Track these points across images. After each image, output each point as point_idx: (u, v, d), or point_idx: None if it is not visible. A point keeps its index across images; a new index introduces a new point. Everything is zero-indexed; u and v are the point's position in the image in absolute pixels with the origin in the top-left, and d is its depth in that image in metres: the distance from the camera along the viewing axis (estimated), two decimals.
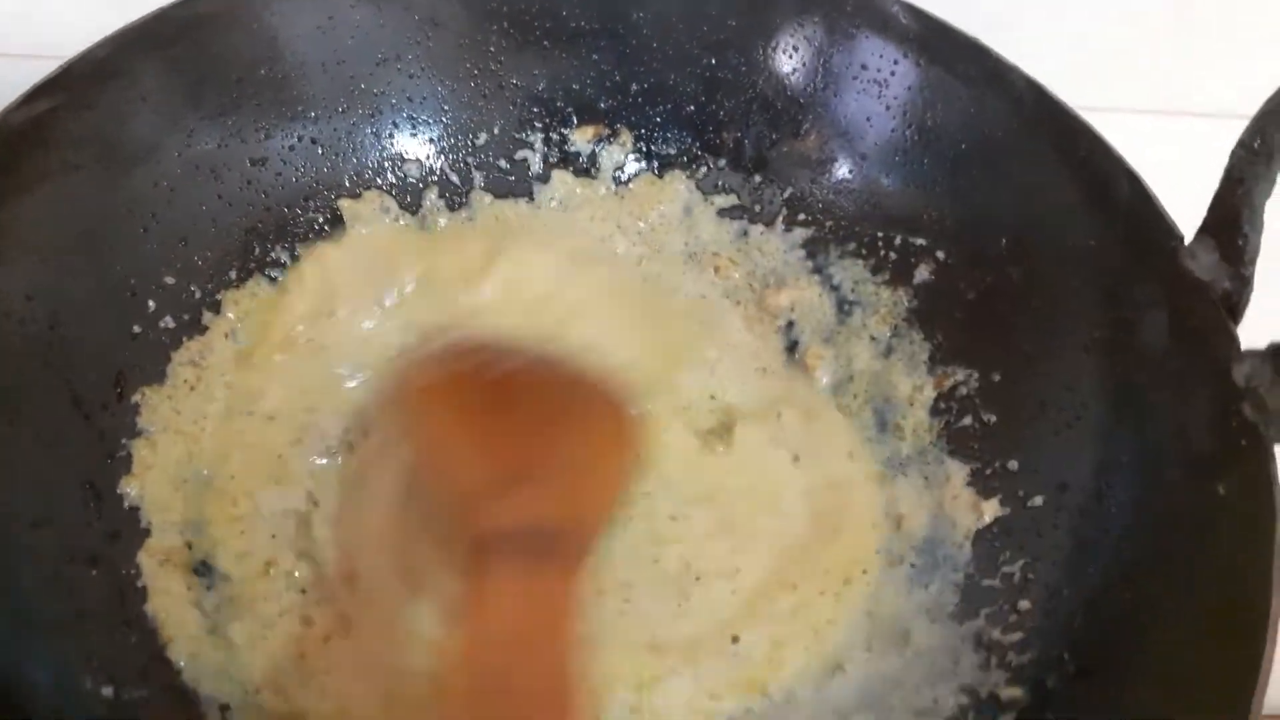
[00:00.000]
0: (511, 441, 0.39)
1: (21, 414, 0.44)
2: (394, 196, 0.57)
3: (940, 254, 0.53)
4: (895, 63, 0.53)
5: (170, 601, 0.45)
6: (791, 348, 0.55)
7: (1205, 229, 0.42)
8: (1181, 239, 0.43)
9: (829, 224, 0.56)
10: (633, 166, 0.58)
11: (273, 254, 0.54)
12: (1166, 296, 0.43)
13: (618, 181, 0.58)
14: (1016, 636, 0.43)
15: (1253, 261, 0.41)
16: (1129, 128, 0.49)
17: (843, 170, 0.56)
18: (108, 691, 0.40)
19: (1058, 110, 0.48)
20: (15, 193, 0.45)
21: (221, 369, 0.52)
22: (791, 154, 0.57)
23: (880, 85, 0.54)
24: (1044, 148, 0.49)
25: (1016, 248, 0.50)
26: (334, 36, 0.54)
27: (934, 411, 0.51)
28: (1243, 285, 0.41)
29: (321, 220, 0.56)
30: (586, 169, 0.58)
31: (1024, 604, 0.44)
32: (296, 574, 0.46)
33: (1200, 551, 0.39)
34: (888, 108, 0.54)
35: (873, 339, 0.54)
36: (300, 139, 0.55)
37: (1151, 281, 0.44)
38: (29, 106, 0.46)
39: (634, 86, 0.58)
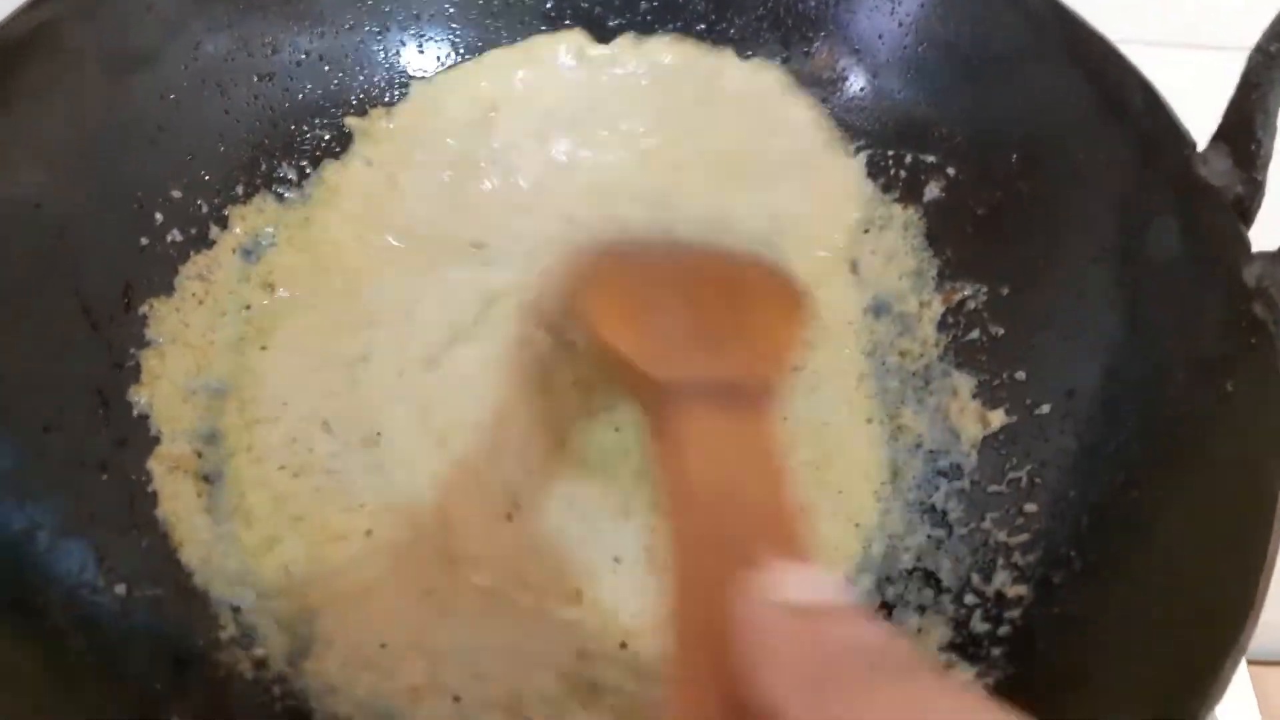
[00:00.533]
0: (694, 313, 0.43)
1: (31, 321, 0.44)
2: None
3: (950, 170, 0.53)
4: None
5: (180, 507, 0.45)
6: None
7: (1219, 135, 0.42)
8: (1194, 146, 0.42)
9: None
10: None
11: (279, 171, 0.54)
12: (1178, 203, 0.43)
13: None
14: (1023, 538, 0.43)
15: (1265, 166, 0.41)
16: (1143, 59, 0.48)
17: (853, 88, 0.56)
18: (120, 589, 0.41)
19: (1072, 22, 0.48)
20: (20, 99, 0.45)
21: (229, 285, 0.51)
22: (802, 72, 0.56)
23: (892, 1, 0.53)
24: (1057, 61, 0.49)
25: (1027, 162, 0.50)
26: None
27: (941, 326, 0.51)
28: (1255, 190, 0.41)
29: (329, 137, 0.55)
30: None
31: (1030, 507, 0.44)
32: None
33: (1207, 449, 0.39)
34: (900, 24, 0.54)
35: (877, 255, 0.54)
36: (308, 54, 0.55)
37: (1163, 189, 0.43)
38: (33, 13, 0.45)
39: (642, 4, 0.57)
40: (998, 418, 0.47)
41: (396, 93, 0.57)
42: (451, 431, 0.48)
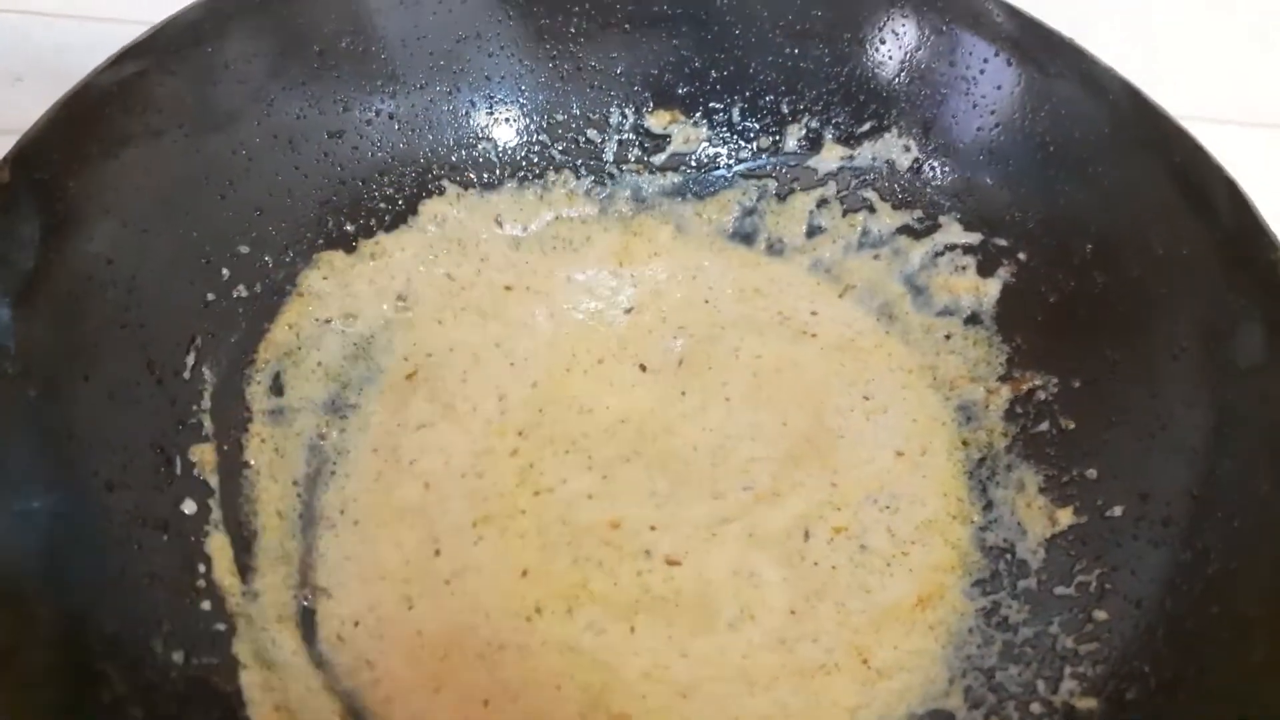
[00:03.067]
0: None
1: (99, 374, 0.44)
2: (468, 174, 0.56)
3: (1022, 255, 0.52)
4: (985, 60, 0.52)
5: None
6: None
7: None
8: None
9: (906, 221, 0.55)
10: (707, 153, 0.57)
11: (346, 228, 0.54)
12: (1265, 305, 0.42)
13: (692, 167, 0.58)
14: (1092, 646, 0.42)
15: None
16: (1214, 137, 0.48)
17: (924, 167, 0.55)
18: (178, 657, 0.40)
19: (1154, 115, 0.47)
20: (101, 157, 0.45)
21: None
22: (872, 148, 0.56)
23: (969, 82, 0.53)
24: (1137, 152, 0.48)
25: (1103, 252, 0.49)
26: (416, 11, 0.54)
27: (1008, 416, 0.50)
28: None
29: (397, 197, 0.55)
30: (658, 152, 0.58)
31: (1100, 614, 0.43)
32: None
33: None
34: (975, 105, 0.53)
35: (948, 338, 0.53)
36: (378, 113, 0.55)
37: (1249, 290, 0.43)
38: (116, 69, 0.46)
39: (713, 74, 0.57)
40: (1066, 516, 0.46)
41: (463, 153, 0.57)
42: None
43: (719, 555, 0.48)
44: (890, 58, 0.54)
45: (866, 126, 0.56)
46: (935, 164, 0.55)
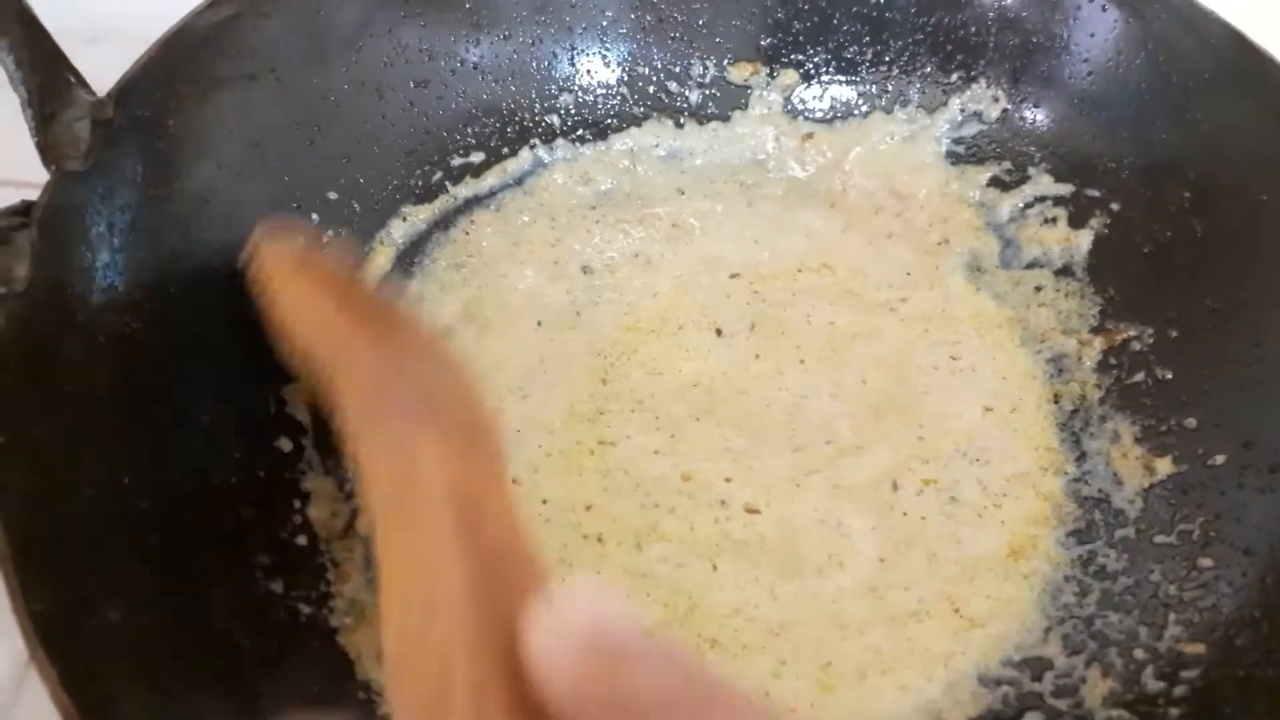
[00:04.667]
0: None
1: (198, 315, 0.44)
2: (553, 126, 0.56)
3: (1115, 206, 0.51)
4: (1079, 6, 0.51)
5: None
6: None
7: None
8: None
9: (994, 173, 0.54)
10: (792, 104, 0.57)
11: (433, 178, 0.54)
12: None
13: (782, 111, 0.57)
14: (1197, 593, 0.42)
15: None
16: None
17: (1014, 117, 0.54)
18: (277, 587, 0.41)
19: (1258, 57, 0.46)
20: (197, 98, 0.46)
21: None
22: (960, 100, 0.55)
23: (1062, 29, 0.52)
24: (1239, 96, 0.47)
25: (1201, 200, 0.48)
26: None
27: (1101, 368, 0.50)
28: None
29: (481, 148, 0.55)
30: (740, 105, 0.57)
31: (1205, 561, 0.42)
32: None
33: None
34: (1068, 53, 0.52)
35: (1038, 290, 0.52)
36: (463, 63, 0.55)
37: None
38: (212, 11, 0.46)
39: (796, 25, 0.57)
40: (1165, 465, 0.46)
41: (547, 104, 0.57)
42: None
43: (803, 504, 0.48)
44: (980, 5, 0.53)
45: (954, 78, 0.55)
46: (1025, 114, 0.54)
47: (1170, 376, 0.48)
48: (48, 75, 0.40)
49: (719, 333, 0.53)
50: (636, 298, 0.54)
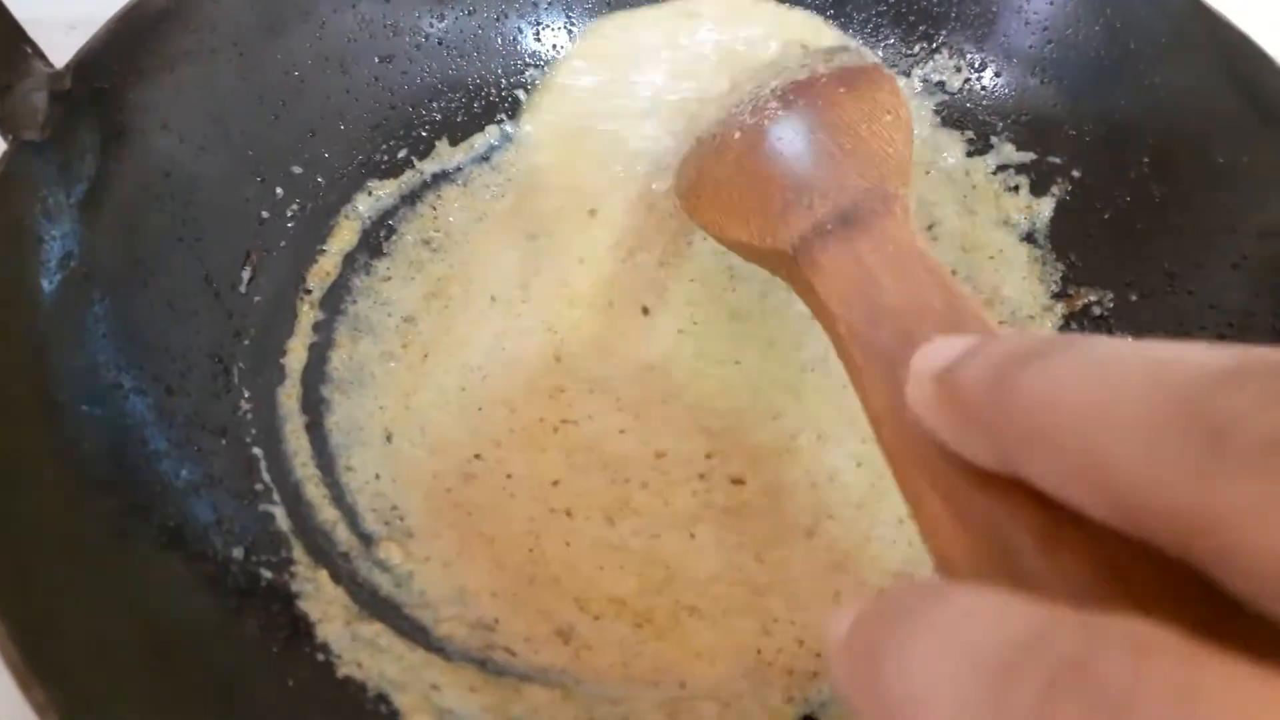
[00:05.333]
0: (783, 166, 0.42)
1: (158, 285, 0.44)
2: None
3: (1076, 172, 0.51)
4: None
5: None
6: None
7: None
8: None
9: (959, 142, 0.55)
10: None
11: (399, 154, 0.54)
12: None
13: None
14: None
15: None
16: None
17: (977, 86, 0.54)
18: (238, 553, 0.41)
19: (1215, 22, 0.47)
20: (157, 71, 0.46)
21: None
22: (922, 71, 0.55)
23: None
24: (1197, 62, 0.47)
25: (1160, 165, 0.49)
26: None
27: (1063, 331, 0.50)
28: None
29: (447, 124, 0.55)
30: None
31: None
32: None
33: None
34: (1026, 22, 0.53)
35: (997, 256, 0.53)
36: (427, 38, 0.55)
37: None
38: None
39: None
40: None
41: (510, 79, 0.57)
42: None
43: (792, 469, 0.47)
44: None
45: (916, 49, 0.56)
46: (986, 83, 0.54)
47: (1130, 340, 0.48)
48: (4, 47, 0.41)
49: (645, 311, 0.53)
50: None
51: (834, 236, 0.36)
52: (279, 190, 0.50)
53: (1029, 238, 0.52)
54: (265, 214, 0.50)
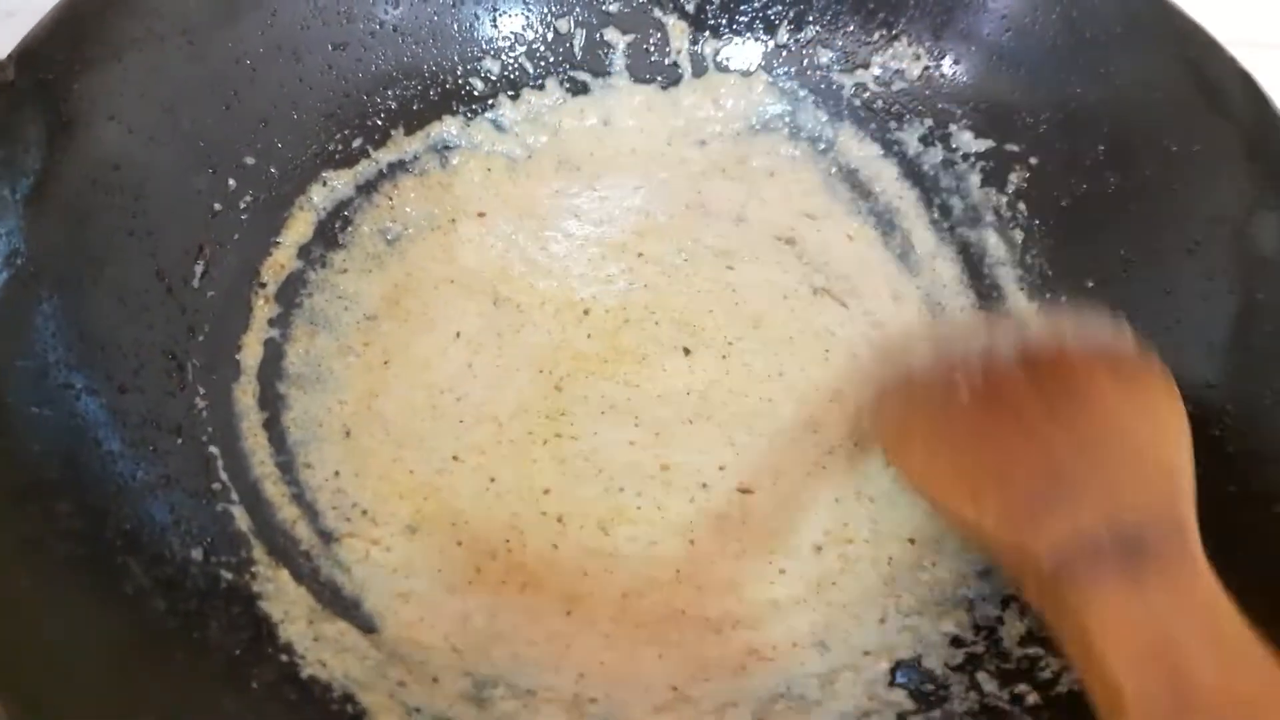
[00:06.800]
0: (1040, 440, 0.34)
1: (108, 280, 0.43)
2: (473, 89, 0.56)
3: (1034, 160, 0.52)
4: None
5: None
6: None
7: None
8: None
9: (918, 130, 0.55)
10: (715, 65, 0.57)
11: (354, 143, 0.53)
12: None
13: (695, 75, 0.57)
14: None
15: None
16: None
17: (936, 74, 0.55)
18: (197, 554, 0.40)
19: (1168, 12, 0.47)
20: (104, 60, 0.45)
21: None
22: (882, 58, 0.55)
23: None
24: (1150, 51, 0.48)
25: (1116, 153, 0.49)
26: None
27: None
28: None
29: (402, 112, 0.54)
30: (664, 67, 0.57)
31: None
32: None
33: None
34: (985, 10, 0.53)
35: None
36: (381, 25, 0.54)
37: (1265, 183, 0.43)
38: None
39: None
40: None
41: (469, 66, 0.56)
42: None
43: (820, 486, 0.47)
44: None
45: (876, 36, 0.56)
46: (945, 71, 0.55)
47: None
48: None
49: (586, 313, 0.52)
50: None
51: (1114, 565, 0.30)
52: (231, 181, 0.49)
53: (988, 225, 0.53)
54: (218, 206, 0.49)
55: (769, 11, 0.57)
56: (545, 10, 0.56)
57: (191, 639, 0.37)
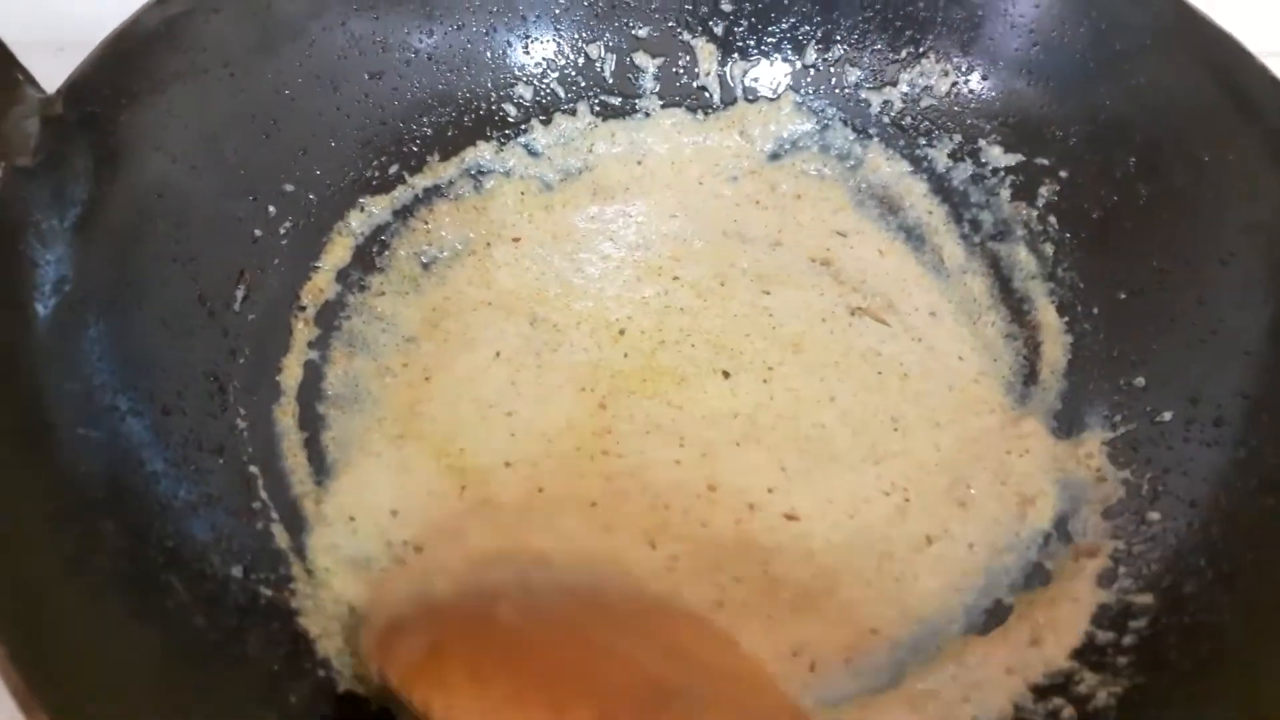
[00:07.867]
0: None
1: (153, 305, 0.45)
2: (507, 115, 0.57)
3: (1064, 173, 0.52)
4: None
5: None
6: None
7: None
8: None
9: (947, 145, 0.55)
10: (743, 88, 0.58)
11: (391, 170, 0.54)
12: None
13: (724, 103, 0.58)
14: (1146, 546, 0.42)
15: None
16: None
17: (964, 90, 0.55)
18: (237, 571, 0.41)
19: (1197, 22, 0.47)
20: (149, 93, 0.46)
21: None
22: (910, 75, 0.56)
23: (1006, 1, 0.52)
24: (1180, 61, 0.48)
25: (1146, 164, 0.49)
26: None
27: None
28: None
29: (437, 139, 0.56)
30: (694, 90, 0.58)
31: (1153, 515, 0.43)
32: None
33: None
34: (1012, 25, 0.53)
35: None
36: (416, 53, 0.55)
37: None
38: (163, 7, 0.47)
39: (748, 6, 0.57)
40: (1116, 424, 0.46)
41: (502, 92, 0.57)
42: None
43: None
44: None
45: (903, 54, 0.56)
46: (973, 87, 0.55)
47: (1120, 337, 0.48)
48: None
49: (621, 332, 0.52)
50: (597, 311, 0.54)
51: None
52: (271, 208, 0.50)
53: (1018, 239, 0.53)
54: (258, 232, 0.50)
55: (797, 32, 0.57)
56: (576, 36, 0.57)
57: (231, 654, 0.38)
